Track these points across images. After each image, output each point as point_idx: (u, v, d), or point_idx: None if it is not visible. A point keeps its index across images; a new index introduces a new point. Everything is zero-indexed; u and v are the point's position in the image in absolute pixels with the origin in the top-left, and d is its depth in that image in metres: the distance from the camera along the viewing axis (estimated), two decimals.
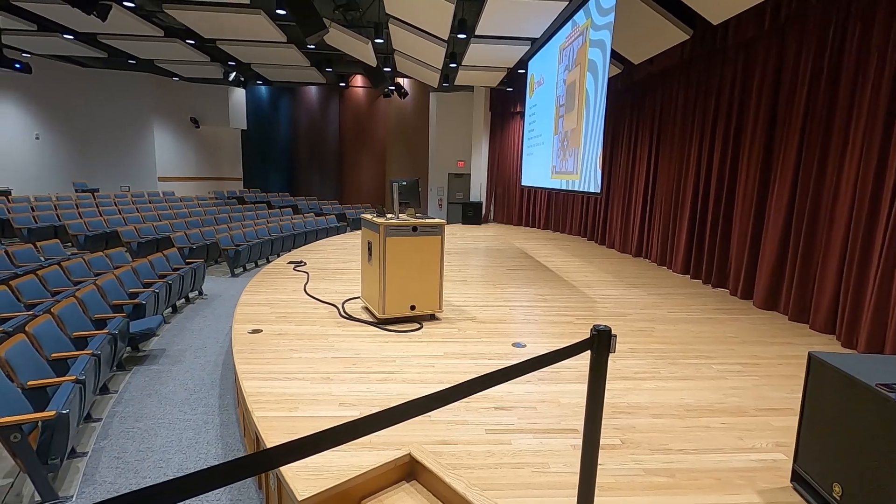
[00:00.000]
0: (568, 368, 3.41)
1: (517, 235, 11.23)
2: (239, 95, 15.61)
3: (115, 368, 4.32)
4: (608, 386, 2.55)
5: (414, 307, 4.36)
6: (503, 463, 2.29)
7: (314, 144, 18.04)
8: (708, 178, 6.48)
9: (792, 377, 3.41)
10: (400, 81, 14.02)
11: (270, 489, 2.52)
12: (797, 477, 2.13)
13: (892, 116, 3.94)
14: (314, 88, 17.58)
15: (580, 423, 2.64)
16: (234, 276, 8.60)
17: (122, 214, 10.07)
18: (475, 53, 9.18)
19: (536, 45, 9.14)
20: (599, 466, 1.99)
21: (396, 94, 13.58)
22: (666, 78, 7.55)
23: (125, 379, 4.26)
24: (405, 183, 4.50)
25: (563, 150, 8.00)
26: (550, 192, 11.84)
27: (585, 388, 1.77)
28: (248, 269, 9.15)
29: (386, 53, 10.79)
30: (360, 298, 5.20)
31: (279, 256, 8.42)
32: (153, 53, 11.03)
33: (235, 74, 12.38)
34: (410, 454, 2.33)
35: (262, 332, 4.09)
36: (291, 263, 7.18)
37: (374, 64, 10.47)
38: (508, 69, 10.51)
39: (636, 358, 3.70)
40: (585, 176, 6.84)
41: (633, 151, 8.65)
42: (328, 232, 12.07)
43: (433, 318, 4.55)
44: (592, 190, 6.56)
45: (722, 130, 6.16)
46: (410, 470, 2.35)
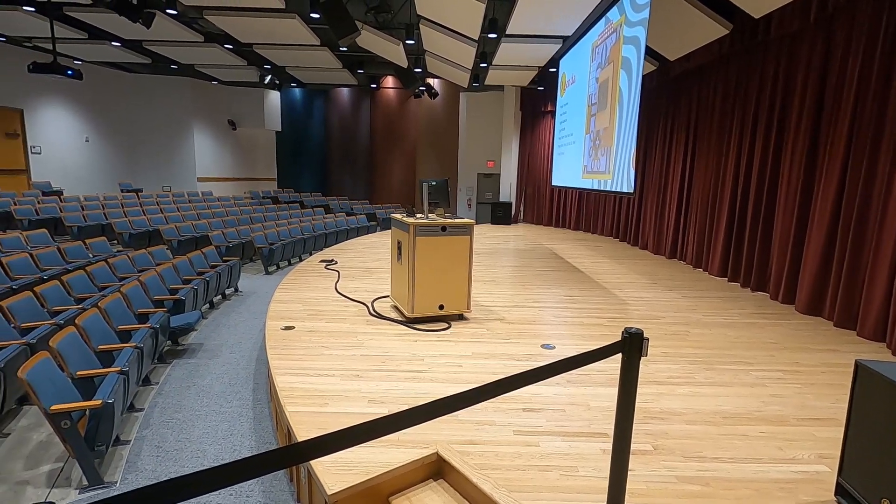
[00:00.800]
0: (598, 371, 3.36)
1: (547, 236, 11.11)
2: (274, 98, 16.02)
3: (156, 361, 4.51)
4: (640, 390, 2.50)
5: (442, 307, 4.38)
6: (531, 465, 2.28)
7: (346, 145, 18.34)
8: (748, 177, 6.25)
9: (836, 386, 3.25)
10: (430, 82, 14.10)
11: (301, 483, 2.58)
12: (841, 490, 2.03)
13: None
14: (346, 90, 17.87)
15: (610, 427, 2.60)
16: (268, 273, 8.84)
17: (163, 213, 10.49)
18: (506, 53, 9.13)
19: (568, 43, 9.02)
20: (630, 472, 1.94)
21: (427, 94, 13.65)
22: (703, 74, 7.32)
23: (165, 371, 4.44)
24: (435, 183, 4.52)
25: (594, 149, 7.86)
26: (581, 192, 11.66)
27: (616, 391, 1.74)
28: (281, 267, 9.38)
29: (417, 54, 10.86)
30: (389, 297, 5.25)
31: (311, 255, 8.60)
32: (194, 58, 11.46)
33: (271, 77, 12.71)
34: (438, 453, 2.34)
35: (294, 328, 4.19)
36: (323, 262, 7.32)
37: (404, 65, 10.56)
38: (539, 68, 10.41)
39: (669, 362, 3.61)
40: (618, 175, 6.70)
41: (667, 150, 8.43)
42: (358, 231, 12.24)
43: (461, 317, 4.55)
44: (625, 190, 6.43)
45: (763, 128, 5.92)
46: (438, 468, 2.36)
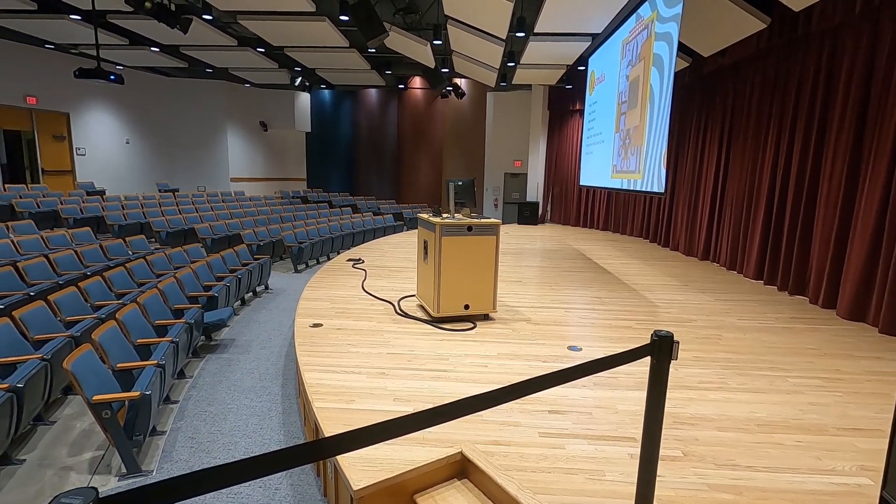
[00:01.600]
0: (626, 374, 3.30)
1: (574, 236, 10.97)
2: (304, 99, 16.33)
3: (190, 355, 4.66)
4: (669, 395, 2.44)
5: (468, 306, 4.38)
6: (556, 467, 2.26)
7: (373, 145, 18.54)
8: (786, 176, 6.02)
9: (881, 395, 3.10)
10: (457, 82, 14.09)
11: (328, 477, 2.62)
12: None
13: None
14: (374, 91, 18.06)
15: (638, 431, 2.54)
16: (297, 271, 9.02)
17: (198, 213, 10.84)
18: (534, 51, 9.06)
19: (598, 40, 8.87)
20: (658, 478, 1.90)
21: (454, 94, 13.67)
22: (739, 70, 7.09)
23: (199, 365, 4.59)
24: (461, 183, 4.52)
25: (624, 148, 7.72)
26: (610, 191, 11.46)
27: (644, 395, 1.71)
28: (310, 265, 9.56)
29: (444, 55, 10.88)
30: (415, 296, 5.29)
31: (339, 254, 8.73)
32: (228, 62, 11.80)
33: (301, 79, 12.98)
34: (462, 452, 2.34)
35: (322, 326, 4.26)
36: (350, 261, 7.42)
37: (432, 65, 10.60)
38: (568, 66, 10.28)
39: (701, 367, 3.51)
40: (648, 175, 6.56)
41: (700, 149, 8.20)
42: (385, 231, 12.36)
43: (487, 318, 4.54)
44: (656, 189, 6.29)
45: (803, 126, 5.69)
46: (462, 468, 2.37)
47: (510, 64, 10.17)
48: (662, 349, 1.61)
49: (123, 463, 2.94)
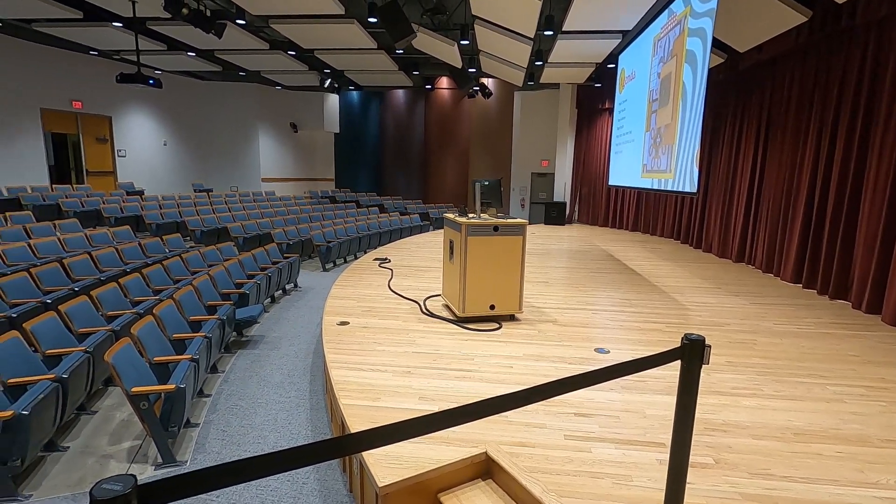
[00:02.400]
0: (655, 378, 3.23)
1: (603, 237, 10.79)
2: (333, 101, 16.59)
3: (222, 350, 4.80)
4: (700, 400, 2.37)
5: (493, 307, 4.36)
6: (582, 471, 2.23)
7: (400, 145, 18.69)
8: (827, 175, 5.77)
9: None
10: (484, 81, 14.06)
11: (354, 473, 2.66)
12: None
13: None
14: (401, 91, 18.20)
15: (667, 436, 2.48)
16: (325, 270, 9.17)
17: (231, 212, 11.15)
18: (562, 50, 8.95)
19: (628, 37, 8.70)
20: (688, 485, 1.85)
21: (481, 94, 13.64)
22: (777, 66, 6.83)
23: (231, 360, 4.72)
24: (487, 183, 4.51)
25: (655, 147, 7.55)
26: (640, 191, 11.22)
27: (674, 400, 1.67)
28: (337, 264, 9.70)
29: (471, 54, 10.87)
30: (440, 296, 5.30)
31: (366, 253, 8.83)
32: (259, 65, 12.10)
33: (330, 81, 13.18)
34: (487, 453, 2.34)
35: (349, 324, 4.32)
36: (377, 260, 7.50)
37: (459, 65, 10.61)
38: (597, 64, 10.12)
39: (734, 372, 3.40)
40: (680, 174, 6.40)
41: (735, 147, 7.94)
42: (412, 230, 12.44)
43: (512, 318, 4.52)
44: (688, 189, 6.13)
45: (846, 123, 5.45)
46: (486, 468, 2.36)
47: (538, 63, 10.08)
48: (693, 353, 1.57)
49: (159, 453, 3.05)
